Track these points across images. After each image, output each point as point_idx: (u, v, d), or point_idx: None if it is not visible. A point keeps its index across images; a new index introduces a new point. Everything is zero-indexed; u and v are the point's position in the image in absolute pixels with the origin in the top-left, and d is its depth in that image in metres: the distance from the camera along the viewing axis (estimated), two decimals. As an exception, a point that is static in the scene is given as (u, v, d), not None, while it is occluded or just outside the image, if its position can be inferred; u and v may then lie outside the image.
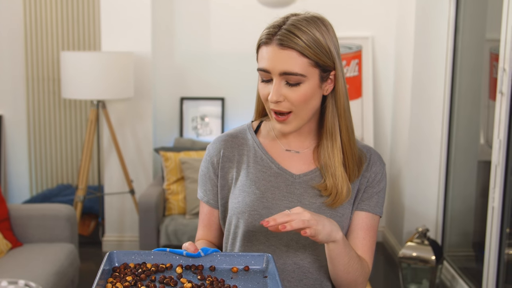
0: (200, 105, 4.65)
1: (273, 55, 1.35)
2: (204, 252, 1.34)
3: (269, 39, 1.36)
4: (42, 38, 4.88)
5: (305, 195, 1.44)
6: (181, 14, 4.58)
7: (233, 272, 1.33)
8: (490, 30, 3.59)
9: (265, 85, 1.40)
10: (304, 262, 1.44)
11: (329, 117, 1.43)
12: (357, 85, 4.54)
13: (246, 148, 1.51)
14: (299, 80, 1.35)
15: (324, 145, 1.45)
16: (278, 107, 1.37)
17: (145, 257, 1.33)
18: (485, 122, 3.55)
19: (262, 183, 1.46)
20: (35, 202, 4.61)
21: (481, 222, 3.42)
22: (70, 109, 4.99)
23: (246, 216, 1.44)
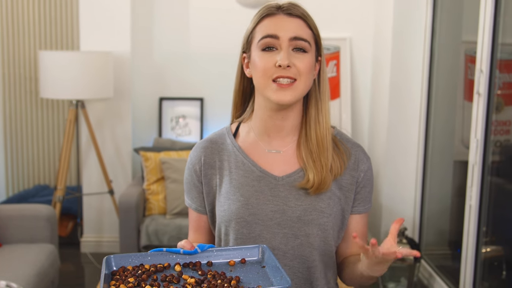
0: (179, 105, 4.65)
1: (282, 22, 1.40)
2: (200, 248, 1.36)
3: (274, 11, 1.42)
4: (19, 37, 4.84)
5: (290, 197, 1.45)
6: (161, 14, 4.58)
7: (231, 265, 1.35)
8: (466, 32, 3.65)
9: (267, 55, 1.39)
10: (293, 263, 1.45)
11: (313, 103, 1.47)
12: (335, 85, 4.59)
13: (227, 154, 1.51)
14: (306, 47, 1.40)
15: (307, 132, 1.47)
16: (287, 73, 1.37)
17: (142, 259, 1.34)
18: (461, 123, 3.61)
19: (245, 188, 1.46)
20: (11, 202, 4.57)
21: (457, 221, 3.48)
22: (48, 109, 4.95)
23: (233, 224, 1.45)
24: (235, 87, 1.53)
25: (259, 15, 1.43)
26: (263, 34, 1.40)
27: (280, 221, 1.44)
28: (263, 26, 1.41)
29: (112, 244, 4.44)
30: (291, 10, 1.41)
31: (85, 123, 4.16)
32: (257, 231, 1.44)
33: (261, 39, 1.40)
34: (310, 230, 1.43)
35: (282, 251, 1.44)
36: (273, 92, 1.39)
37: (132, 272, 1.28)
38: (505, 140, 3.05)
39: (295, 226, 1.43)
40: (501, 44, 2.91)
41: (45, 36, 4.87)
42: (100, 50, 4.22)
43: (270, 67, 1.38)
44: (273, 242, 1.44)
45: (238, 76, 1.52)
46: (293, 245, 1.44)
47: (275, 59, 1.38)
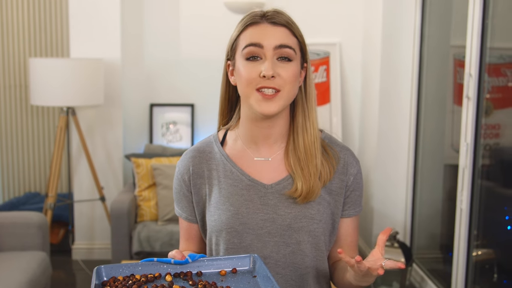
0: (170, 111, 4.65)
1: (266, 31, 1.38)
2: (191, 258, 1.35)
3: (258, 19, 1.40)
4: (9, 44, 4.82)
5: (280, 205, 1.44)
6: (151, 21, 4.58)
7: (222, 275, 1.34)
8: (454, 36, 3.67)
9: (252, 64, 1.38)
10: (286, 271, 1.44)
11: (299, 111, 1.45)
12: (325, 90, 4.60)
13: (215, 163, 1.50)
14: (291, 55, 1.38)
15: (295, 140, 1.45)
16: (271, 83, 1.35)
17: (133, 269, 1.33)
18: (450, 127, 3.63)
19: (235, 198, 1.45)
20: (2, 210, 4.54)
21: (448, 224, 3.50)
22: (38, 116, 4.93)
23: (224, 234, 1.44)
24: (221, 95, 1.51)
25: (243, 23, 1.42)
26: (247, 42, 1.38)
27: (270, 229, 1.43)
28: (247, 34, 1.39)
29: (104, 251, 4.43)
30: (276, 18, 1.39)
31: (76, 130, 4.15)
32: (248, 241, 1.43)
33: (245, 48, 1.38)
34: (301, 237, 1.43)
35: (274, 259, 1.43)
36: (257, 103, 1.37)
37: (122, 283, 1.27)
38: (495, 143, 3.07)
39: (285, 234, 1.43)
40: (489, 48, 2.93)
41: (35, 43, 4.86)
42: (91, 57, 4.21)
43: (255, 77, 1.36)
44: (264, 251, 1.43)
45: (223, 83, 1.50)
46: (284, 253, 1.43)
47: (259, 69, 1.36)
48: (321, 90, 4.59)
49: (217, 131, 1.57)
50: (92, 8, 4.25)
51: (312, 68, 4.69)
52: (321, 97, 4.60)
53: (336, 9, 4.61)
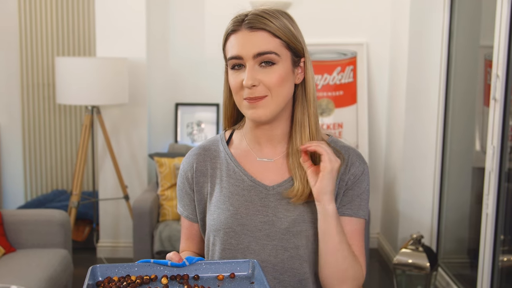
0: (195, 111, 4.65)
1: (244, 40, 1.33)
2: (189, 261, 1.33)
3: (237, 26, 1.35)
4: (37, 44, 4.88)
5: (279, 207, 1.40)
6: (176, 20, 4.58)
7: (219, 280, 1.31)
8: (484, 36, 3.59)
9: (236, 74, 1.36)
10: (284, 276, 1.40)
11: (298, 107, 1.41)
12: (352, 91, 4.55)
13: (219, 161, 1.48)
14: (273, 59, 1.33)
15: (294, 138, 1.41)
16: (253, 93, 1.33)
17: (129, 270, 1.31)
18: (480, 128, 3.55)
19: (235, 198, 1.42)
20: (29, 207, 4.60)
21: (476, 228, 3.42)
22: (65, 114, 4.98)
23: (221, 234, 1.42)
24: (224, 98, 1.48)
25: (226, 30, 1.38)
26: (229, 55, 1.36)
27: (269, 232, 1.40)
28: (229, 44, 1.36)
29: (128, 249, 4.45)
30: (253, 23, 1.33)
31: (101, 129, 4.17)
32: (246, 242, 1.40)
33: (228, 60, 1.36)
34: (299, 242, 1.39)
35: (271, 263, 1.40)
36: (247, 110, 1.37)
37: (117, 284, 1.25)
38: (523, 146, 2.99)
39: (284, 238, 1.39)
40: (518, 49, 2.85)
41: (62, 43, 4.91)
42: (116, 56, 4.23)
43: (239, 87, 1.35)
44: (262, 255, 1.40)
45: (225, 87, 1.47)
46: (282, 257, 1.40)
47: (242, 78, 1.34)
48: (348, 90, 4.54)
49: (224, 131, 1.55)
50: (118, 8, 4.28)
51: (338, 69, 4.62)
52: (348, 98, 4.54)
53: (363, 9, 4.55)
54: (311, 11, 4.48)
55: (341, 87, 4.55)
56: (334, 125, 4.52)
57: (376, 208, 4.72)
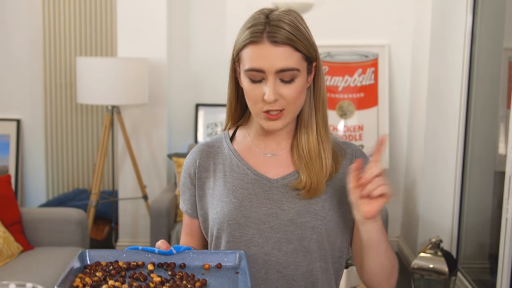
0: (216, 111, 4.65)
1: (266, 53, 1.31)
2: (176, 249, 1.35)
3: (258, 37, 1.32)
4: (60, 44, 4.93)
5: (284, 200, 1.41)
6: (197, 21, 4.59)
7: (205, 269, 1.33)
8: (508, 38, 3.54)
9: (255, 86, 1.35)
10: (287, 270, 1.39)
11: (305, 110, 1.42)
12: (373, 93, 4.51)
13: (222, 157, 1.49)
14: (295, 75, 1.33)
15: (299, 138, 1.43)
16: (273, 106, 1.34)
17: (118, 256, 1.34)
18: (503, 132, 3.50)
19: (239, 191, 1.43)
20: (51, 206, 4.64)
21: (498, 233, 3.37)
22: (86, 114, 5.02)
23: (225, 226, 1.42)
24: (229, 95, 1.49)
25: (244, 39, 1.35)
26: (249, 66, 1.34)
27: (273, 224, 1.40)
28: (249, 54, 1.34)
29: (146, 249, 4.46)
30: (276, 36, 1.30)
31: (121, 128, 4.20)
32: (250, 235, 1.40)
33: (247, 71, 1.35)
34: (304, 234, 1.39)
35: (275, 257, 1.39)
36: (264, 122, 1.38)
37: (103, 268, 1.28)
38: (544, 150, 2.93)
39: (288, 230, 1.39)
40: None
41: (84, 43, 4.95)
42: (137, 57, 4.25)
43: (259, 100, 1.35)
44: (265, 247, 1.40)
45: (231, 84, 1.48)
46: (286, 250, 1.39)
47: (263, 90, 1.34)
48: (369, 92, 4.50)
49: (226, 128, 1.56)
50: (139, 9, 4.30)
51: (360, 70, 4.59)
52: (369, 100, 4.51)
53: (385, 10, 4.52)
54: (333, 12, 4.45)
55: (362, 89, 4.51)
56: (354, 127, 4.49)
57: (396, 211, 4.67)
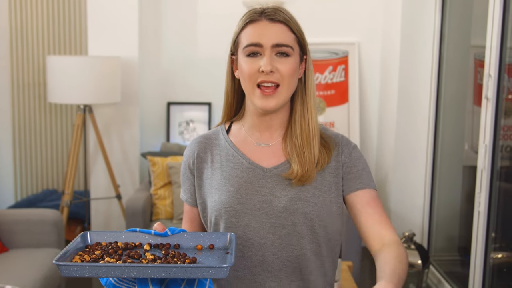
0: (187, 110, 4.65)
1: (265, 29, 1.45)
2: (171, 231, 1.44)
3: (257, 17, 1.47)
4: (28, 43, 4.86)
5: (277, 187, 1.50)
6: (168, 19, 4.58)
7: (198, 250, 1.42)
8: (474, 36, 3.62)
9: (252, 60, 1.46)
10: (282, 252, 1.49)
11: (298, 100, 1.54)
12: (344, 90, 4.57)
13: (219, 148, 1.59)
14: (289, 52, 1.46)
15: (292, 128, 1.53)
16: (270, 78, 1.45)
17: (117, 237, 1.43)
18: (470, 128, 3.59)
19: (235, 179, 1.52)
20: (20, 207, 4.58)
21: (467, 226, 3.45)
22: (56, 113, 4.96)
23: (223, 213, 1.51)
24: (226, 89, 1.60)
25: (244, 20, 1.50)
26: (247, 42, 1.47)
27: (267, 211, 1.49)
28: (247, 32, 1.48)
29: (120, 249, 4.44)
30: (274, 15, 1.46)
31: (93, 128, 4.16)
32: (246, 220, 1.49)
33: (246, 47, 1.47)
34: (296, 219, 1.48)
35: (270, 240, 1.49)
36: (258, 99, 1.47)
37: (103, 247, 1.38)
38: (514, 145, 3.03)
39: (281, 216, 1.48)
40: (509, 49, 2.88)
41: (53, 41, 4.88)
42: (108, 55, 4.22)
43: (254, 73, 1.46)
44: (261, 232, 1.49)
45: (228, 77, 1.60)
46: (280, 234, 1.48)
47: (259, 64, 1.45)
48: (339, 89, 4.56)
49: (222, 123, 1.66)
50: (110, 7, 4.27)
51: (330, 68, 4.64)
52: (339, 97, 4.57)
53: (355, 8, 4.58)
54: (304, 10, 4.49)
55: (332, 86, 4.57)
56: (325, 124, 4.53)
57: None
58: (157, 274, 1.22)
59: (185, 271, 1.22)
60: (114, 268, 1.21)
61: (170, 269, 1.22)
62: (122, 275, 1.22)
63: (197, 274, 1.22)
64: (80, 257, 1.30)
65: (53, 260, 1.22)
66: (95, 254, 1.32)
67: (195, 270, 1.22)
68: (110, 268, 1.22)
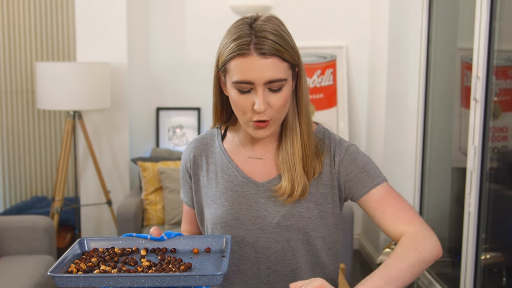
0: (176, 115, 4.65)
1: (255, 65, 1.32)
2: (167, 236, 1.45)
3: (245, 50, 1.33)
4: (15, 49, 4.84)
5: (269, 203, 1.47)
6: (157, 25, 4.59)
7: (194, 253, 1.43)
8: (461, 39, 3.65)
9: (244, 96, 1.37)
10: (277, 266, 1.48)
11: (289, 114, 1.45)
12: (332, 94, 4.59)
13: (214, 156, 1.55)
14: (282, 85, 1.36)
15: (284, 142, 1.46)
16: (263, 116, 1.37)
17: (114, 242, 1.45)
18: (458, 130, 3.62)
19: (229, 193, 1.49)
20: (9, 214, 4.55)
21: (456, 228, 3.48)
22: (45, 120, 4.94)
23: (218, 227, 1.50)
24: (214, 102, 1.52)
25: (231, 51, 1.35)
26: (237, 78, 1.35)
27: (262, 226, 1.47)
28: (237, 66, 1.35)
29: (111, 255, 4.42)
30: (264, 48, 1.32)
31: (83, 134, 4.15)
32: (241, 235, 1.48)
33: (236, 83, 1.36)
34: (290, 235, 1.46)
35: (265, 255, 1.47)
36: (252, 130, 1.41)
37: (100, 254, 1.39)
38: (503, 146, 3.06)
39: (275, 232, 1.46)
40: (497, 51, 2.91)
41: (41, 48, 4.87)
42: (97, 61, 4.21)
43: (248, 110, 1.38)
44: (256, 246, 1.48)
45: (216, 91, 1.50)
46: (275, 249, 1.47)
47: (251, 100, 1.36)
48: (328, 93, 4.58)
49: (214, 127, 1.60)
50: (98, 13, 4.26)
51: (318, 72, 4.65)
52: (328, 100, 4.59)
53: (342, 12, 4.60)
54: (291, 14, 4.50)
55: (321, 90, 4.59)
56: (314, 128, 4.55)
57: (358, 209, 4.76)
58: (150, 283, 1.23)
59: (179, 280, 1.23)
60: (108, 278, 1.23)
61: (163, 278, 1.23)
62: (117, 285, 1.23)
63: (190, 282, 1.23)
64: (76, 266, 1.31)
65: (48, 272, 1.23)
66: (91, 261, 1.33)
67: (189, 279, 1.23)
68: (104, 278, 1.23)
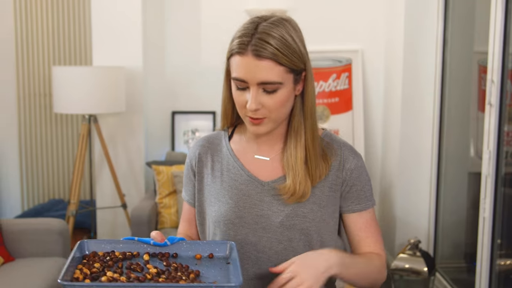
0: (192, 119, 4.66)
1: (249, 66, 1.36)
2: (170, 241, 1.42)
3: (243, 49, 1.37)
4: (33, 54, 4.89)
5: (274, 202, 1.48)
6: (172, 29, 4.60)
7: (197, 259, 1.40)
8: (477, 42, 3.63)
9: (241, 92, 1.41)
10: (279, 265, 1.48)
11: (295, 117, 1.47)
12: (348, 98, 4.57)
13: (220, 155, 1.56)
14: (276, 87, 1.38)
15: (288, 144, 1.49)
16: (256, 114, 1.40)
17: (114, 246, 1.41)
18: (475, 134, 3.58)
19: (234, 192, 1.51)
20: (26, 217, 4.60)
21: (473, 233, 3.44)
22: (62, 123, 4.99)
23: (221, 225, 1.50)
24: (224, 95, 1.53)
25: (230, 49, 1.42)
26: (234, 75, 1.40)
27: (265, 225, 1.48)
28: (234, 64, 1.40)
29: (126, 258, 4.44)
30: (260, 50, 1.35)
31: (98, 137, 4.18)
32: (243, 234, 1.49)
33: (233, 79, 1.41)
34: (293, 235, 1.48)
35: (267, 255, 1.48)
36: (249, 125, 1.45)
37: (100, 258, 1.35)
38: (518, 151, 3.02)
39: (278, 231, 1.48)
40: (512, 54, 2.89)
41: (58, 52, 4.92)
42: (113, 65, 4.24)
43: (242, 106, 1.42)
44: (258, 246, 1.48)
45: (225, 84, 1.52)
46: (277, 249, 1.48)
47: (246, 98, 1.40)
48: (343, 97, 4.56)
49: (222, 128, 1.61)
50: (114, 17, 4.29)
51: (334, 75, 4.63)
52: (343, 104, 4.57)
53: (358, 16, 4.58)
54: (306, 19, 4.50)
55: (336, 94, 4.57)
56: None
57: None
58: None
59: None
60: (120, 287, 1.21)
61: None
62: None
63: None
64: (81, 271, 1.28)
65: (58, 279, 1.21)
66: (95, 267, 1.30)
67: None
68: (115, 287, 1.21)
